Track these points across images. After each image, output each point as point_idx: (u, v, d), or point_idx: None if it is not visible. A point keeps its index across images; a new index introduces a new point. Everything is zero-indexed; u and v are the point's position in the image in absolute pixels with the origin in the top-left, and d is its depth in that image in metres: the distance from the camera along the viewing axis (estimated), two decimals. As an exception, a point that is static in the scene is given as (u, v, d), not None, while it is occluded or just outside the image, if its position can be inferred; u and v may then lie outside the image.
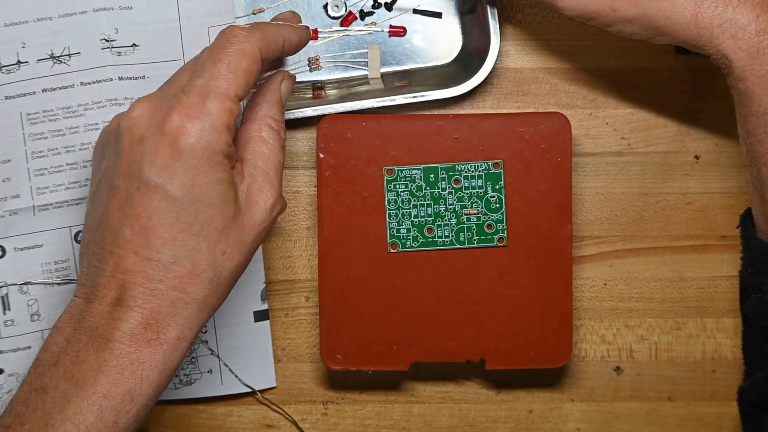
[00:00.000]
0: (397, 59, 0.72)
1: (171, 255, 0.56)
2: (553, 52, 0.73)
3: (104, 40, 0.68)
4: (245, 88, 0.58)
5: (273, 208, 0.60)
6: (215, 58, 0.58)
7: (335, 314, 0.70)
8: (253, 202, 0.59)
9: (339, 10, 0.72)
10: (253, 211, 0.59)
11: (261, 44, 0.59)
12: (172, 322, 0.56)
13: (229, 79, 0.58)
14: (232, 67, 0.58)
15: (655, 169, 0.73)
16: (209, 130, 0.56)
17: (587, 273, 0.73)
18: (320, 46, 0.72)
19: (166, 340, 0.56)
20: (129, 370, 0.55)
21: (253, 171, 0.59)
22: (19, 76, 0.68)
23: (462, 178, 0.69)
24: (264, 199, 0.59)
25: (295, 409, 0.74)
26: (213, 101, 0.57)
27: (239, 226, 0.58)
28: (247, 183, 0.59)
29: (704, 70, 0.72)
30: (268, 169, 0.60)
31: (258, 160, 0.60)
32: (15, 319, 0.71)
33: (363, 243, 0.70)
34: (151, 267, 0.56)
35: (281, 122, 0.62)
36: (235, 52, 0.58)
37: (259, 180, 0.59)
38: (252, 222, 0.59)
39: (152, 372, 0.56)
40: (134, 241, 0.56)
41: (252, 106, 0.62)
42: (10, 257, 0.70)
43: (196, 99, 0.57)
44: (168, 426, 0.74)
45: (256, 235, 0.59)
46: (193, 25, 0.69)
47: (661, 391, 0.74)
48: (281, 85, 0.63)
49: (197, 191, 0.56)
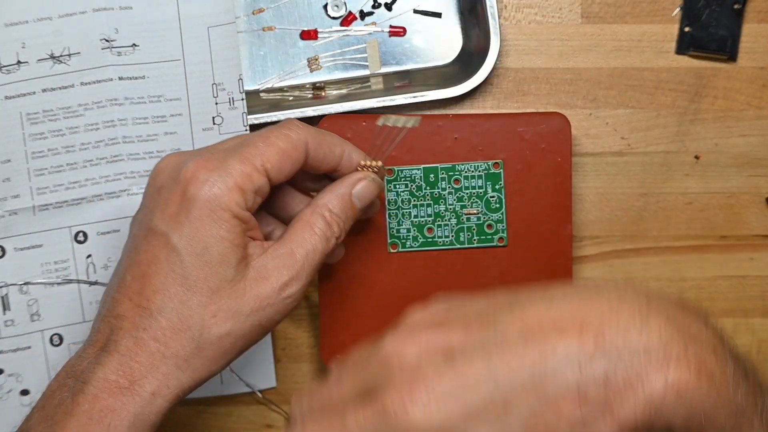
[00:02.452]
0: (397, 59, 0.72)
1: (160, 304, 0.55)
2: (553, 52, 0.73)
3: (104, 40, 0.68)
4: (277, 167, 0.57)
5: (284, 289, 0.57)
6: (259, 134, 0.58)
7: (335, 314, 0.70)
8: (264, 276, 0.56)
9: (339, 10, 0.72)
10: (261, 284, 0.56)
11: (311, 138, 0.58)
12: (148, 375, 0.55)
13: (260, 149, 0.57)
14: (269, 142, 0.57)
15: (655, 169, 0.73)
16: (219, 184, 0.55)
17: (587, 273, 0.73)
18: (320, 46, 0.72)
19: (139, 392, 0.55)
20: (98, 416, 0.54)
21: (281, 249, 0.57)
22: (19, 77, 0.68)
23: (462, 178, 0.69)
24: (277, 276, 0.56)
25: (295, 409, 0.74)
26: (234, 160, 0.56)
27: (237, 293, 0.56)
28: (267, 257, 0.57)
29: (704, 70, 0.72)
30: (299, 253, 0.57)
31: (293, 241, 0.58)
32: (15, 319, 0.71)
33: (363, 243, 0.70)
34: (140, 314, 0.55)
35: (339, 217, 0.59)
36: (279, 132, 0.58)
37: (282, 259, 0.57)
38: (255, 294, 0.56)
39: (121, 422, 0.54)
40: (132, 287, 0.56)
41: (316, 196, 0.60)
42: (9, 257, 0.70)
43: (220, 156, 0.57)
44: (168, 426, 0.74)
45: (256, 308, 0.56)
46: (193, 25, 0.69)
47: (661, 391, 0.74)
48: (356, 185, 0.60)
49: (198, 245, 0.55)
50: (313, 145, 0.59)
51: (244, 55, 0.72)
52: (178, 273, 0.55)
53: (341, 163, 0.60)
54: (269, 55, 0.72)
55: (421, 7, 0.72)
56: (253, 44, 0.72)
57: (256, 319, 0.56)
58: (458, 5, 0.72)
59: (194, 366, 0.56)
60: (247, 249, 0.57)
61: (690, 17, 0.71)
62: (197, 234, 0.55)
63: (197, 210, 0.55)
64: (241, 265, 0.56)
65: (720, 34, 0.71)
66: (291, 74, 0.72)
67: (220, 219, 0.55)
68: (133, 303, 0.56)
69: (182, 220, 0.55)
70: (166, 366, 0.55)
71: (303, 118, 0.70)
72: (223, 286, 0.56)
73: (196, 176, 0.55)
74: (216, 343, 0.56)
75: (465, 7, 0.72)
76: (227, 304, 0.56)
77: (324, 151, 0.59)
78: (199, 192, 0.55)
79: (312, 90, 0.72)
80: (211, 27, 0.69)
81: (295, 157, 0.58)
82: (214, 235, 0.55)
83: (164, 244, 0.56)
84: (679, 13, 0.72)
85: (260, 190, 0.57)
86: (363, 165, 0.61)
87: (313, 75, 0.72)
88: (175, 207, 0.56)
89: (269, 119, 0.70)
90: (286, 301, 0.57)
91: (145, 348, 0.55)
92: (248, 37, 0.72)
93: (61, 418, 0.54)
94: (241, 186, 0.56)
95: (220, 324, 0.56)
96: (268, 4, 0.72)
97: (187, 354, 0.55)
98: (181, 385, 0.56)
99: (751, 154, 0.72)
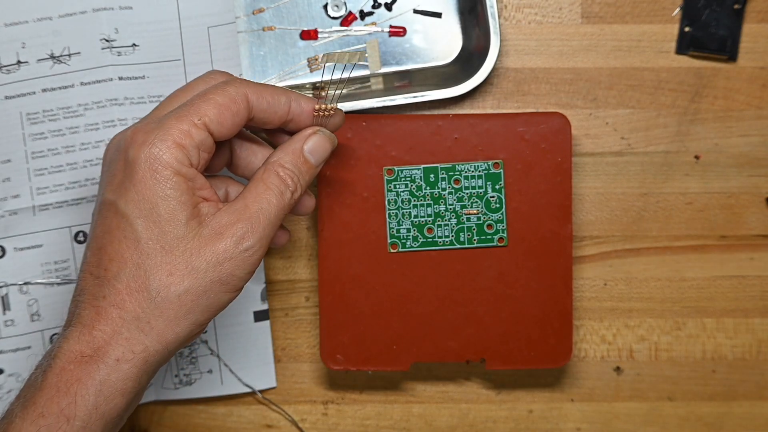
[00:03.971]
0: (397, 59, 0.72)
1: (116, 271, 0.55)
2: (553, 52, 0.73)
3: (104, 40, 0.68)
4: (216, 120, 0.57)
5: (241, 242, 0.56)
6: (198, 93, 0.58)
7: (335, 314, 0.70)
8: (219, 231, 0.56)
9: (339, 10, 0.72)
10: (216, 240, 0.56)
11: (251, 90, 0.58)
12: (111, 341, 0.55)
13: (197, 106, 0.57)
14: (206, 98, 0.57)
15: (655, 169, 0.73)
16: (158, 143, 0.55)
17: (587, 273, 0.73)
18: (320, 46, 0.72)
19: (104, 359, 0.55)
20: (65, 387, 0.54)
21: (236, 206, 0.57)
22: (19, 76, 0.68)
23: (462, 178, 0.69)
24: (233, 231, 0.56)
25: (295, 409, 0.74)
26: (171, 119, 0.56)
27: (192, 250, 0.56)
28: (222, 213, 0.57)
29: (704, 70, 0.72)
30: (253, 207, 0.57)
31: (247, 197, 0.58)
32: (15, 319, 0.71)
33: (363, 243, 0.70)
34: (98, 285, 0.56)
35: (292, 172, 0.59)
36: (217, 87, 0.58)
37: (237, 214, 0.57)
38: (211, 250, 0.56)
39: (87, 391, 0.54)
40: (91, 262, 0.56)
41: (270, 155, 0.60)
42: (10, 257, 0.70)
43: (158, 119, 0.57)
44: (168, 426, 0.74)
45: (214, 264, 0.56)
46: (192, 25, 0.69)
47: (661, 391, 0.74)
48: (308, 139, 0.60)
49: (144, 206, 0.55)
50: (254, 96, 0.58)
51: (244, 55, 0.72)
52: (130, 238, 0.55)
53: (291, 112, 0.60)
54: (269, 55, 0.72)
55: (421, 7, 0.72)
56: (253, 44, 0.72)
57: (215, 275, 0.56)
58: (458, 5, 0.72)
59: (157, 328, 0.56)
60: (199, 208, 0.57)
61: (690, 17, 0.71)
62: (142, 196, 0.55)
63: (140, 172, 0.55)
64: (192, 223, 0.56)
65: (720, 34, 0.71)
66: (291, 74, 0.72)
67: (163, 177, 0.55)
68: (93, 276, 0.56)
69: (127, 185, 0.56)
70: (128, 330, 0.55)
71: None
72: (176, 244, 0.56)
73: (135, 140, 0.56)
74: (176, 302, 0.56)
75: (465, 7, 0.72)
76: (183, 262, 0.56)
77: (267, 100, 0.59)
78: (139, 154, 0.55)
79: (312, 90, 0.72)
80: (211, 27, 0.69)
81: (235, 110, 0.58)
82: (159, 194, 0.55)
83: (114, 212, 0.56)
84: (679, 13, 0.72)
85: (203, 145, 0.57)
86: (317, 109, 0.61)
87: (313, 75, 0.72)
88: (120, 175, 0.56)
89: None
90: (244, 255, 0.57)
91: (106, 315, 0.55)
92: (248, 37, 0.72)
93: (31, 394, 0.54)
94: (180, 143, 0.56)
95: (177, 282, 0.56)
96: (268, 4, 0.72)
97: (147, 315, 0.55)
98: (147, 348, 0.55)
99: (751, 154, 0.72)
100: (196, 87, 0.60)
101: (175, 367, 0.73)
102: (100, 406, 0.55)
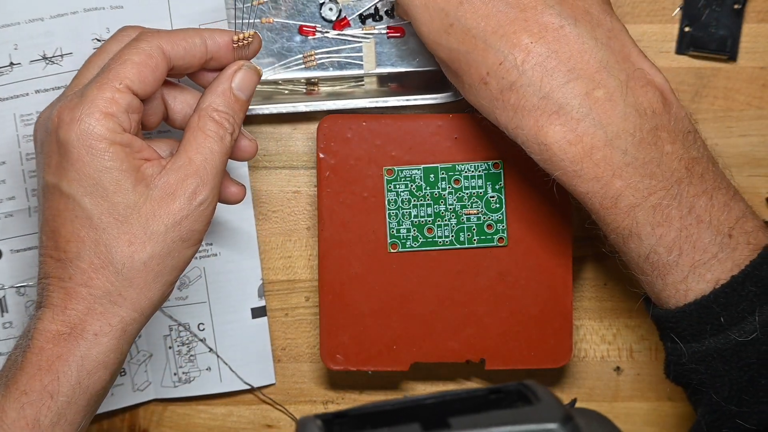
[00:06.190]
0: (393, 61, 0.72)
1: (75, 252, 0.56)
2: (551, 49, 0.72)
3: (96, 39, 0.68)
4: (138, 80, 0.57)
5: (194, 197, 0.57)
6: (113, 57, 0.58)
7: (335, 314, 0.70)
8: (170, 191, 0.57)
9: (333, 13, 0.71)
10: (169, 200, 0.57)
11: (164, 41, 0.58)
12: (86, 318, 0.56)
13: (115, 70, 0.57)
14: (121, 60, 0.57)
15: (653, 167, 0.73)
16: (85, 119, 0.56)
17: (587, 273, 0.74)
18: (317, 42, 0.71)
19: (82, 335, 0.56)
20: (46, 365, 0.55)
21: (179, 161, 0.58)
22: (11, 78, 0.68)
23: (462, 178, 0.69)
24: (184, 188, 0.57)
25: (295, 409, 0.74)
26: (92, 90, 0.56)
27: (147, 215, 0.56)
28: (168, 172, 0.57)
29: (704, 70, 0.72)
30: (197, 159, 0.58)
31: (188, 150, 0.58)
32: (12, 321, 0.71)
33: (363, 243, 0.69)
34: (62, 267, 0.56)
35: (227, 114, 0.59)
36: (130, 47, 0.58)
37: (183, 170, 0.57)
38: (166, 211, 0.57)
39: (69, 367, 0.55)
40: (48, 246, 0.57)
41: (199, 101, 0.60)
42: (6, 259, 0.70)
43: (79, 92, 0.57)
44: (168, 426, 0.74)
45: (172, 224, 0.57)
46: (184, 23, 0.68)
47: (661, 391, 0.74)
48: (234, 76, 0.60)
49: (88, 184, 0.56)
50: (168, 46, 0.59)
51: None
52: (82, 217, 0.56)
53: (209, 51, 0.60)
54: (265, 48, 0.71)
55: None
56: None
57: (176, 234, 0.57)
58: (457, 3, 0.71)
59: (130, 298, 0.57)
60: (142, 171, 0.57)
61: (690, 17, 0.71)
62: (83, 174, 0.56)
63: (74, 151, 0.56)
64: (139, 187, 0.56)
65: (720, 34, 0.71)
66: (285, 67, 0.71)
67: (99, 151, 0.56)
68: (53, 259, 0.57)
69: (66, 166, 0.56)
70: (102, 305, 0.56)
71: (296, 114, 0.70)
72: (129, 212, 0.56)
73: (62, 119, 0.56)
74: (143, 270, 0.56)
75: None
76: (140, 229, 0.56)
77: (182, 46, 0.59)
78: (70, 134, 0.56)
79: (306, 85, 0.72)
80: (203, 24, 0.68)
81: (153, 65, 0.58)
82: (99, 168, 0.56)
83: (59, 195, 0.56)
84: (679, 13, 0.71)
85: (130, 108, 0.57)
86: (235, 41, 0.61)
87: (307, 70, 0.71)
88: (56, 157, 0.56)
89: (262, 111, 0.70)
90: (200, 209, 0.58)
91: (76, 295, 0.56)
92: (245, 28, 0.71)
93: (13, 374, 0.56)
94: (108, 111, 0.56)
95: (140, 250, 0.56)
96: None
97: (117, 288, 0.56)
98: (123, 319, 0.57)
99: (751, 154, 0.72)
100: (110, 49, 0.60)
101: (174, 366, 0.73)
102: (83, 381, 0.56)
